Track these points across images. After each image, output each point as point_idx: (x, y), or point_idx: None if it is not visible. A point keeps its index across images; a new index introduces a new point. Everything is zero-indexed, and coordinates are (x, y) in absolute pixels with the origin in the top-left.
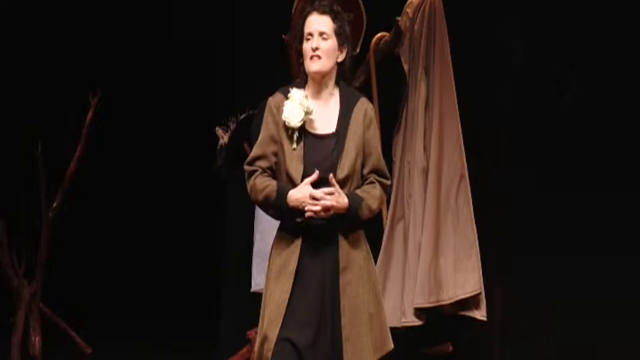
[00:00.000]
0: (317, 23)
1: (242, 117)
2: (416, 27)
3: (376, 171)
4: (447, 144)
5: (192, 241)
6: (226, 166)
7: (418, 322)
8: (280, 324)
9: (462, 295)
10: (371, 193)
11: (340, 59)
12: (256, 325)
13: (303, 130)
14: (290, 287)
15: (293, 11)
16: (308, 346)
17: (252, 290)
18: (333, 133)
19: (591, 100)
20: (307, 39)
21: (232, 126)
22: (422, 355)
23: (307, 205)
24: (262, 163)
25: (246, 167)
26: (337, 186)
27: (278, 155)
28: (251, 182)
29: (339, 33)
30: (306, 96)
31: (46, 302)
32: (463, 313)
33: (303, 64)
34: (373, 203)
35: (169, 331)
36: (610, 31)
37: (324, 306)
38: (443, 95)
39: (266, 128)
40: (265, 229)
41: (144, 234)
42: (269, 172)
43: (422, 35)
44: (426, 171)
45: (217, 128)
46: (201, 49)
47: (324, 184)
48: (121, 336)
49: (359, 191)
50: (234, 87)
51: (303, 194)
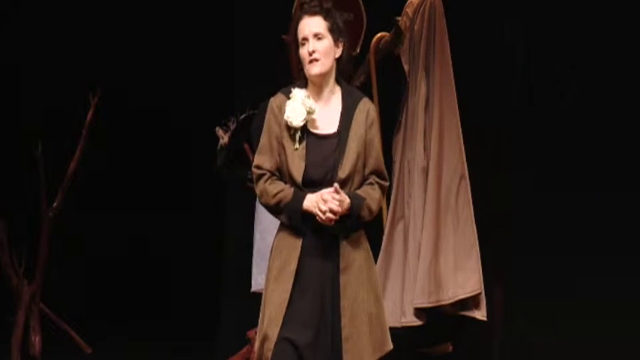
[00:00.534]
0: (309, 25)
1: (242, 117)
2: (416, 27)
3: (376, 172)
4: (447, 144)
5: (192, 241)
6: (226, 166)
7: (418, 322)
8: (280, 324)
9: (462, 295)
10: (371, 195)
11: (338, 55)
12: (256, 325)
13: (305, 130)
14: (290, 287)
15: (293, 11)
16: (308, 346)
17: (252, 290)
18: (335, 133)
19: (591, 100)
20: (302, 44)
21: (232, 126)
22: (422, 355)
23: (320, 211)
24: (269, 166)
25: (254, 170)
26: (342, 193)
27: (280, 155)
28: (261, 186)
29: (333, 30)
30: (308, 96)
31: (46, 302)
32: (463, 313)
33: (303, 70)
34: (373, 205)
35: (169, 331)
36: (610, 31)
37: (324, 306)
38: (443, 95)
39: (269, 130)
40: (265, 229)
41: (144, 234)
42: (277, 175)
43: (422, 35)
44: (426, 171)
45: (217, 128)
46: (201, 49)
47: (327, 185)
48: (121, 336)
49: (360, 192)
50: (234, 87)
51: (317, 198)
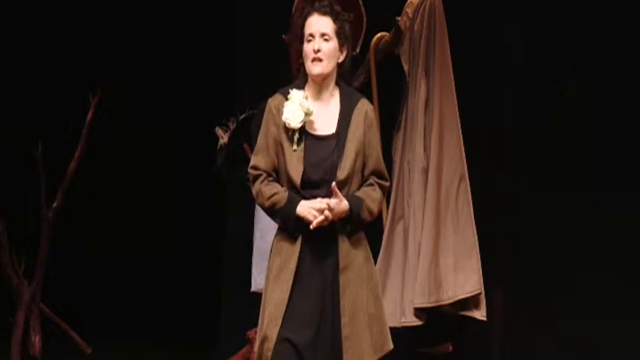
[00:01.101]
0: (318, 24)
1: (242, 117)
2: (416, 27)
3: (376, 173)
4: (447, 144)
5: (192, 241)
6: (226, 166)
7: (418, 322)
8: (280, 324)
9: (462, 295)
10: (371, 196)
11: (341, 59)
12: (256, 325)
13: (303, 131)
14: (290, 287)
15: (293, 11)
16: (308, 346)
17: (252, 290)
18: (334, 134)
19: (591, 101)
20: (308, 40)
21: (232, 126)
22: (422, 355)
23: (313, 217)
24: (265, 167)
25: (250, 171)
26: (339, 194)
27: (278, 156)
28: (257, 187)
29: (340, 34)
30: (306, 97)
31: (46, 302)
32: (463, 313)
33: (303, 65)
34: (373, 206)
35: (169, 331)
36: (610, 32)
37: (324, 306)
38: (443, 95)
39: (267, 131)
40: (265, 228)
41: (144, 234)
42: (273, 176)
43: (422, 35)
44: (426, 171)
45: (217, 128)
46: (201, 49)
47: (325, 186)
48: (121, 336)
49: (359, 193)
50: (234, 87)
51: (311, 205)
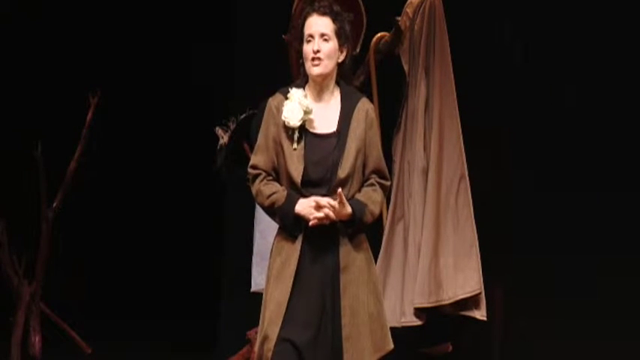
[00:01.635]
0: (318, 25)
1: (242, 117)
2: (416, 27)
3: (377, 171)
4: (447, 144)
5: (192, 241)
6: (226, 166)
7: (418, 322)
8: (280, 324)
9: (462, 295)
10: (372, 198)
11: (341, 59)
12: (256, 325)
13: (303, 130)
14: (290, 287)
15: (293, 11)
16: (308, 346)
17: (252, 290)
18: (334, 133)
19: (591, 100)
20: (308, 41)
21: (232, 126)
22: (422, 355)
23: (312, 214)
24: (265, 166)
25: (250, 170)
26: (343, 198)
27: (278, 156)
28: (256, 187)
29: (340, 34)
30: (305, 95)
31: (46, 302)
32: (463, 313)
33: (303, 65)
34: (375, 208)
35: (169, 331)
36: (610, 31)
37: (325, 306)
38: (443, 95)
39: (267, 130)
40: (265, 228)
41: (144, 234)
42: (273, 176)
43: (422, 35)
44: (426, 171)
45: (217, 128)
46: (201, 49)
47: (326, 184)
48: (121, 336)
49: (361, 197)
50: (234, 87)
51: (309, 202)
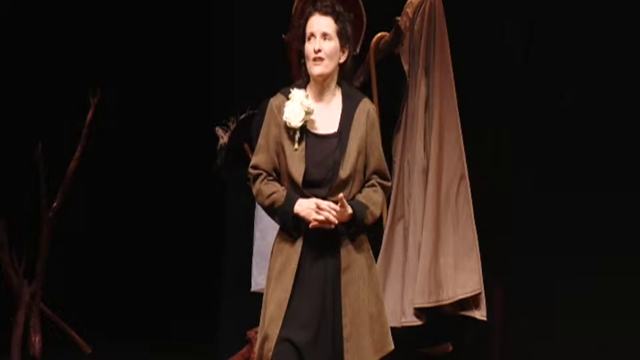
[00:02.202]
0: (319, 24)
1: (242, 117)
2: (416, 27)
3: (378, 172)
4: (447, 144)
5: (192, 241)
6: (226, 166)
7: (418, 322)
8: (281, 324)
9: (462, 295)
10: (373, 199)
11: (342, 60)
12: (256, 325)
13: (304, 130)
14: (291, 287)
15: (293, 11)
16: (308, 346)
17: (252, 290)
18: (335, 133)
19: (591, 100)
20: (309, 40)
21: (232, 126)
22: (422, 355)
23: (313, 215)
24: (266, 167)
25: (250, 170)
26: (345, 202)
27: (279, 156)
28: (257, 186)
29: (342, 34)
30: (306, 96)
31: (46, 302)
32: (463, 313)
33: (304, 65)
34: (376, 209)
35: (169, 331)
36: (610, 31)
37: (325, 306)
38: (443, 95)
39: (268, 130)
40: (265, 228)
41: (144, 234)
42: (274, 176)
43: (422, 35)
44: (426, 171)
45: (217, 128)
46: (201, 49)
47: (327, 185)
48: (121, 336)
49: (362, 198)
50: (234, 87)
51: (309, 203)
